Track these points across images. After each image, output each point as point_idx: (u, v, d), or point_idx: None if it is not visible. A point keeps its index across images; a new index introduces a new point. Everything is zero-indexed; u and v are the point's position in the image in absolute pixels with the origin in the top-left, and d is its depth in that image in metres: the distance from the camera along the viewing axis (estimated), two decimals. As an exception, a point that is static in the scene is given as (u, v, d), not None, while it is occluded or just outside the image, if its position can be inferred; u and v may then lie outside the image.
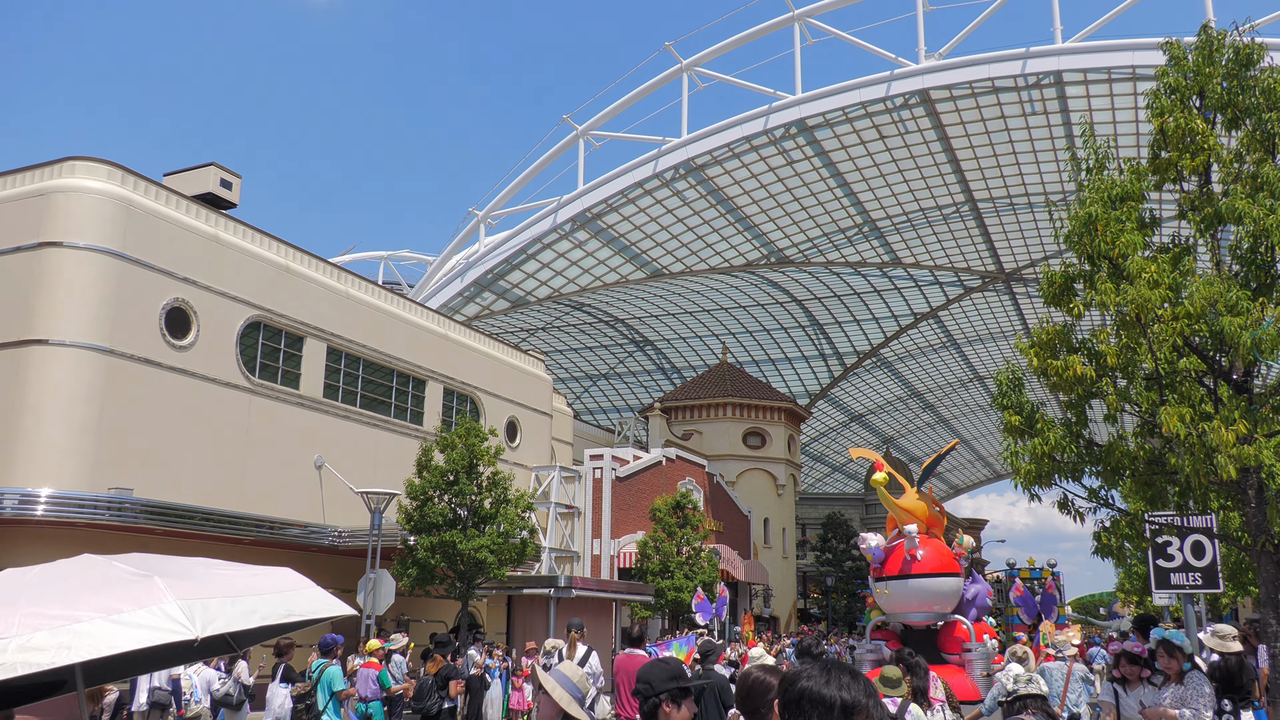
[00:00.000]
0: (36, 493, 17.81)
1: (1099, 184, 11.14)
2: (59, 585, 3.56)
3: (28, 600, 3.40)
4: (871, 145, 39.84)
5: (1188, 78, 11.19)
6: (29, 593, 3.50)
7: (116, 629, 3.35)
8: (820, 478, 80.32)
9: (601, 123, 40.49)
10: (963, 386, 69.91)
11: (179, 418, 21.04)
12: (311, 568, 24.35)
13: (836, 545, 60.21)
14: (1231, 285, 10.09)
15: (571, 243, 44.09)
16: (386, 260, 59.68)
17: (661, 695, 4.33)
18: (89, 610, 3.38)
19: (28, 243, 19.68)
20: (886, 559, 13.33)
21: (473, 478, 23.79)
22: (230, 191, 24.83)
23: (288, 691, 14.01)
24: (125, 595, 3.49)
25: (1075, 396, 11.28)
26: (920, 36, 35.51)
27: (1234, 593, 28.00)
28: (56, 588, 3.55)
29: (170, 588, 3.62)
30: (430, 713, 14.14)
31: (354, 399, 26.28)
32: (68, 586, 3.55)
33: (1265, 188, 10.25)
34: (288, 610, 4.13)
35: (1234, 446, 9.39)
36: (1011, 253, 48.82)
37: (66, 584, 3.57)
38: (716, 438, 50.37)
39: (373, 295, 27.58)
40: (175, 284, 21.22)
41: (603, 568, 35.60)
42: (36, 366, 19.06)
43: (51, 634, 3.24)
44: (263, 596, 4.05)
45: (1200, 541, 12.60)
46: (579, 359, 60.97)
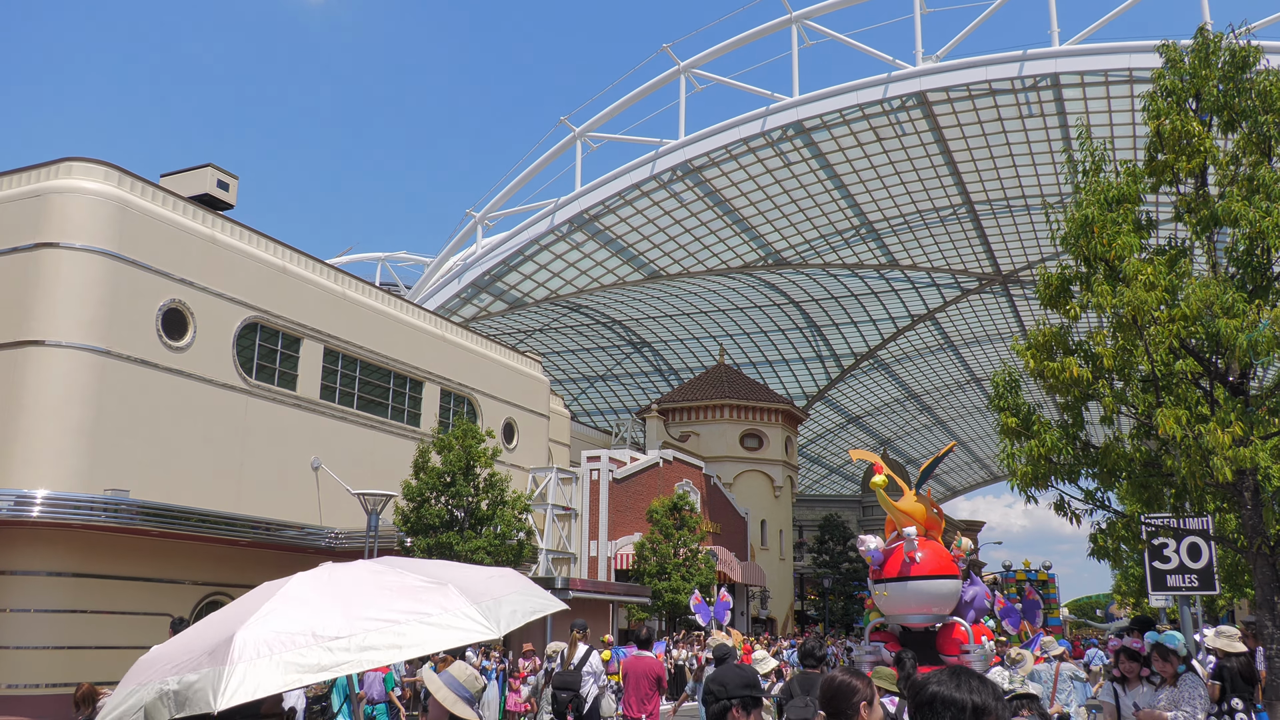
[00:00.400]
0: (33, 494, 17.77)
1: (1095, 186, 11.16)
2: (366, 590, 3.81)
3: (356, 604, 3.67)
4: (869, 147, 39.86)
5: (1184, 80, 11.22)
6: (345, 597, 3.74)
7: (433, 631, 3.67)
8: (817, 479, 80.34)
9: (599, 124, 40.50)
10: (960, 388, 69.95)
11: (176, 419, 21.02)
12: (308, 569, 24.35)
13: (834, 547, 60.19)
14: (1228, 287, 10.11)
15: (569, 244, 44.09)
16: (384, 261, 59.63)
17: (734, 700, 4.38)
18: (403, 614, 3.65)
19: (24, 244, 19.65)
20: (885, 561, 13.37)
21: (469, 479, 23.77)
22: (227, 193, 24.81)
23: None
24: (429, 600, 3.76)
25: (1072, 398, 11.30)
26: (918, 38, 35.56)
27: (1230, 595, 28.03)
28: (366, 593, 3.80)
29: (463, 592, 3.90)
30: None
31: (351, 400, 26.26)
32: (374, 592, 3.80)
33: (1261, 190, 10.27)
34: (533, 608, 4.34)
35: (1230, 448, 9.40)
36: (1009, 255, 48.86)
37: (372, 589, 3.82)
38: (714, 439, 50.37)
39: (370, 296, 27.57)
40: (172, 285, 21.20)
41: (600, 569, 35.58)
42: (33, 368, 19.03)
43: (380, 635, 3.52)
44: (512, 596, 4.26)
45: (1196, 543, 12.61)
46: (576, 360, 60.97)
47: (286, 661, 3.33)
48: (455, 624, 3.70)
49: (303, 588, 3.87)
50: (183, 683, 3.37)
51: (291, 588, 3.85)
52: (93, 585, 19.52)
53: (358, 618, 3.55)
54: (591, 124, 40.40)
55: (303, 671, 3.35)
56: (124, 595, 20.03)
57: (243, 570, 22.65)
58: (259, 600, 3.84)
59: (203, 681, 3.28)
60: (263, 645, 3.36)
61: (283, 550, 23.21)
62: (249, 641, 3.34)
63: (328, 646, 3.42)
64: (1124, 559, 35.64)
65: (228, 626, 3.56)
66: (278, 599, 3.71)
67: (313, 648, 3.40)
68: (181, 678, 3.38)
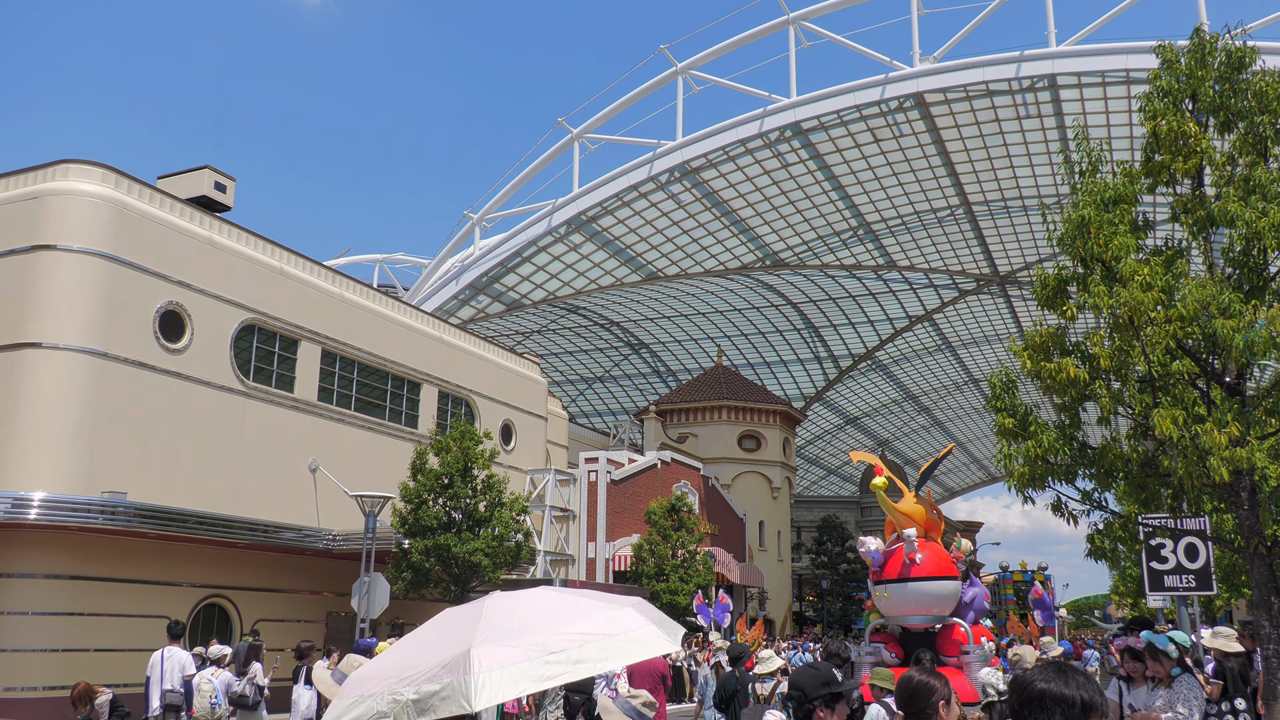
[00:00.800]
0: (30, 496, 17.74)
1: (1092, 187, 11.17)
2: (565, 611, 4.36)
3: (561, 623, 4.23)
4: (866, 148, 39.88)
5: (1180, 81, 11.23)
6: (547, 618, 4.29)
7: (628, 644, 4.19)
8: (815, 480, 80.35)
9: (596, 126, 40.51)
10: (958, 389, 69.98)
11: (173, 421, 20.99)
12: (306, 571, 24.38)
13: (832, 548, 60.16)
14: (1224, 288, 10.12)
15: (566, 246, 44.09)
16: (381, 263, 59.58)
17: (815, 701, 4.56)
18: (602, 631, 4.20)
19: (21, 245, 19.63)
20: (885, 562, 13.41)
21: (467, 481, 23.75)
22: (224, 194, 24.78)
23: (313, 693, 14.21)
24: (618, 618, 4.32)
25: (1069, 399, 11.31)
26: (915, 40, 35.61)
27: (1228, 595, 28.06)
28: (566, 613, 4.35)
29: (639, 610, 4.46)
30: None
31: (348, 402, 26.24)
32: (572, 612, 4.36)
33: (1258, 190, 10.29)
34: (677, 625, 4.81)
35: (1227, 449, 9.41)
36: (1006, 255, 48.90)
37: (569, 611, 4.37)
38: (712, 440, 50.36)
39: (367, 298, 27.55)
40: (169, 287, 21.18)
41: (598, 571, 35.57)
42: (30, 370, 19.00)
43: (587, 649, 4.07)
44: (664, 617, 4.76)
45: (1194, 544, 12.62)
46: (574, 362, 60.96)
47: (518, 672, 3.88)
48: (644, 638, 4.24)
49: (506, 611, 4.36)
50: (421, 692, 3.88)
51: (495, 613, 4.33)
52: (90, 588, 19.50)
53: (567, 634, 4.09)
54: (589, 125, 40.41)
55: (531, 681, 3.91)
56: (121, 598, 20.00)
57: (240, 572, 22.63)
58: (459, 623, 4.38)
59: (447, 690, 3.81)
60: (497, 659, 3.90)
61: (280, 552, 23.18)
62: (484, 657, 3.88)
63: (547, 660, 3.96)
64: (1121, 559, 35.70)
65: (445, 646, 4.11)
66: (491, 621, 4.23)
67: (535, 661, 3.93)
68: (418, 688, 3.90)
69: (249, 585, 22.93)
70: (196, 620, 21.52)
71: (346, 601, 23.18)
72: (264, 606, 23.17)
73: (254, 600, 22.96)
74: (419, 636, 4.50)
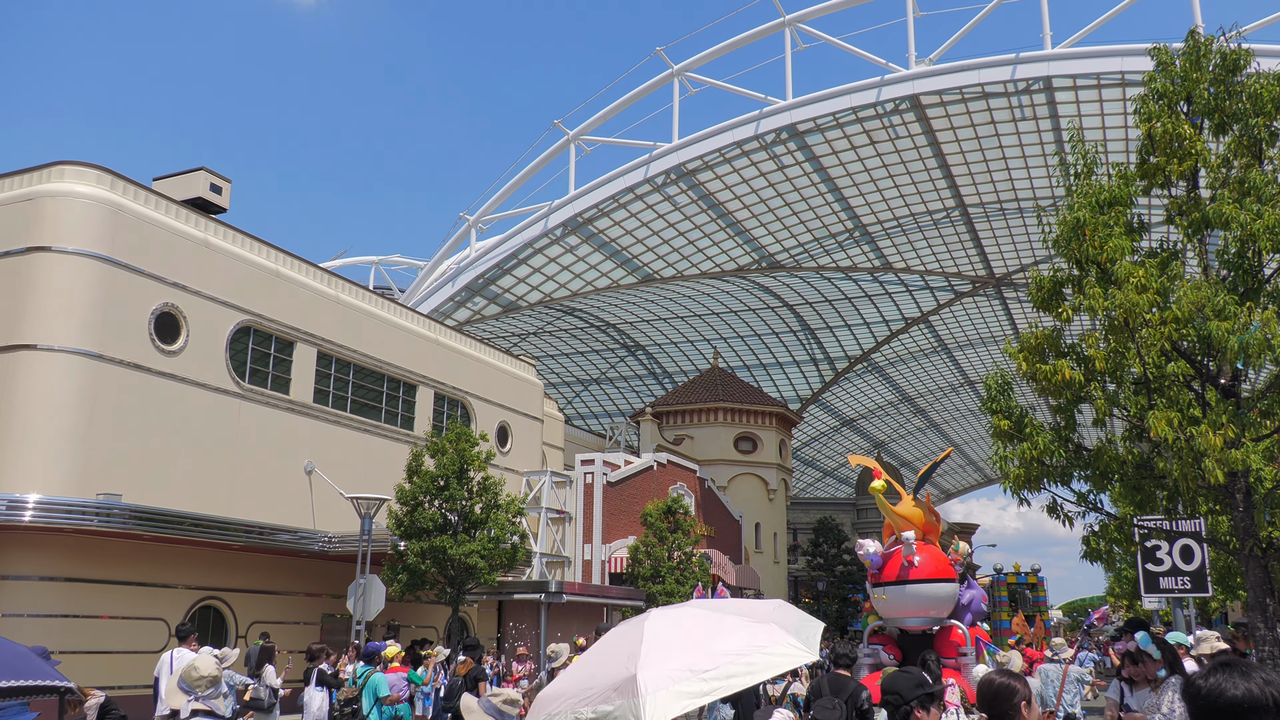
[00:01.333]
0: (24, 498, 17.70)
1: (1087, 189, 11.19)
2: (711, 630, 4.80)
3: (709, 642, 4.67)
4: (862, 150, 39.91)
5: (1175, 83, 11.25)
6: (697, 637, 4.72)
7: (772, 658, 4.62)
8: (811, 482, 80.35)
9: (593, 128, 40.52)
10: (953, 391, 70.02)
11: (168, 423, 20.96)
12: (301, 573, 24.34)
13: (828, 550, 60.10)
14: (1219, 290, 10.14)
15: (563, 247, 44.08)
16: (377, 265, 59.56)
17: (912, 703, 4.66)
18: (747, 647, 4.63)
19: (16, 247, 19.59)
20: (884, 565, 13.45)
21: (463, 483, 23.73)
22: (220, 196, 24.75)
23: (324, 694, 14.29)
24: (761, 634, 4.75)
25: (1064, 401, 11.32)
26: (911, 42, 35.64)
27: (1223, 596, 28.13)
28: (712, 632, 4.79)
29: (780, 625, 4.88)
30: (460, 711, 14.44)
31: (344, 404, 26.21)
32: (718, 630, 4.80)
33: (1252, 193, 10.31)
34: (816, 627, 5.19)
35: (1222, 450, 9.43)
36: (1002, 257, 48.96)
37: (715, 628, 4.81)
38: (708, 442, 50.35)
39: (363, 300, 27.53)
40: (165, 289, 21.15)
41: (594, 573, 35.54)
42: (25, 371, 18.97)
43: (735, 665, 4.48)
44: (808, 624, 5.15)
45: (1189, 545, 12.64)
46: (570, 364, 60.94)
47: (678, 691, 4.30)
48: (785, 652, 4.65)
49: (661, 633, 4.79)
50: (598, 711, 4.35)
51: (653, 635, 4.75)
52: (85, 590, 19.46)
53: (716, 653, 4.53)
54: (585, 127, 40.42)
55: (690, 698, 4.30)
56: (116, 600, 19.96)
57: (236, 575, 22.59)
58: (624, 644, 4.79)
59: (620, 711, 4.26)
60: (660, 681, 4.34)
61: (276, 554, 23.15)
62: (650, 679, 4.33)
63: (702, 677, 4.37)
64: (1117, 561, 35.70)
65: (614, 667, 4.58)
66: (650, 643, 4.65)
67: (693, 680, 4.35)
68: (595, 708, 4.37)
69: (244, 587, 22.89)
70: (192, 622, 21.48)
71: (342, 603, 23.16)
72: (259, 608, 23.13)
73: (249, 602, 22.92)
74: (592, 657, 4.96)
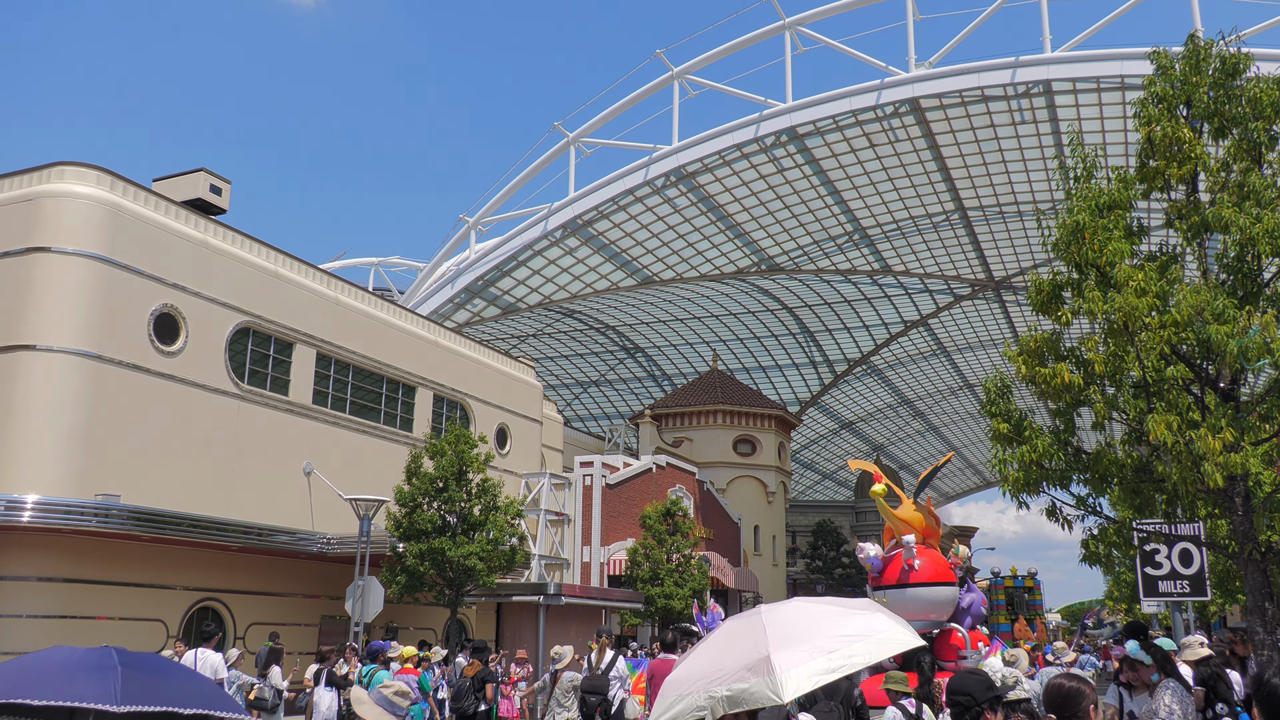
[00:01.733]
0: (23, 499, 17.69)
1: (1087, 192, 11.19)
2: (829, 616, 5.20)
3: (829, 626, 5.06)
4: (862, 153, 39.93)
5: (1175, 87, 11.26)
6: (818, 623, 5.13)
7: (887, 642, 4.99)
8: (810, 485, 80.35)
9: (592, 130, 40.53)
10: (953, 394, 70.04)
11: (167, 424, 20.95)
12: (300, 575, 24.33)
13: (826, 552, 60.16)
14: (1218, 293, 10.14)
15: (562, 249, 44.09)
16: (377, 266, 59.56)
17: (984, 705, 4.73)
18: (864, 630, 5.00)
19: (16, 248, 19.59)
20: (884, 568, 13.48)
21: (462, 484, 23.72)
22: (220, 197, 24.75)
23: (333, 695, 14.34)
24: (874, 619, 5.14)
25: (1063, 404, 11.32)
26: (910, 45, 35.66)
27: (1221, 600, 28.10)
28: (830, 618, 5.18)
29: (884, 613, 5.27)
30: (467, 713, 14.61)
31: (343, 405, 26.20)
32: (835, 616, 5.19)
33: (1252, 196, 10.31)
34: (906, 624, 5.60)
35: (1221, 454, 9.42)
36: (1001, 261, 48.98)
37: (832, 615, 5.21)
38: (707, 445, 50.33)
39: (363, 301, 27.52)
40: (164, 290, 21.14)
41: (592, 575, 35.52)
42: (24, 372, 18.96)
43: (855, 646, 4.88)
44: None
45: (1188, 549, 12.63)
46: (569, 366, 60.94)
47: (810, 669, 4.72)
48: (897, 636, 5.04)
49: (783, 621, 5.19)
50: (732, 689, 4.75)
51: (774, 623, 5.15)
52: (83, 590, 19.45)
53: (837, 636, 4.93)
54: (585, 129, 40.43)
55: (820, 675, 4.74)
56: (115, 600, 19.95)
57: (234, 576, 22.57)
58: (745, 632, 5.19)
59: (756, 687, 4.68)
60: (793, 660, 4.77)
61: (274, 556, 23.13)
62: (783, 659, 4.76)
63: (829, 656, 4.78)
64: (1116, 565, 35.67)
65: (741, 652, 4.97)
66: (775, 630, 5.06)
67: (819, 659, 4.77)
68: (730, 686, 4.77)
69: (243, 588, 22.87)
70: (190, 623, 21.47)
71: (341, 605, 23.14)
72: (258, 610, 23.12)
73: (248, 603, 22.91)
74: (714, 644, 5.36)
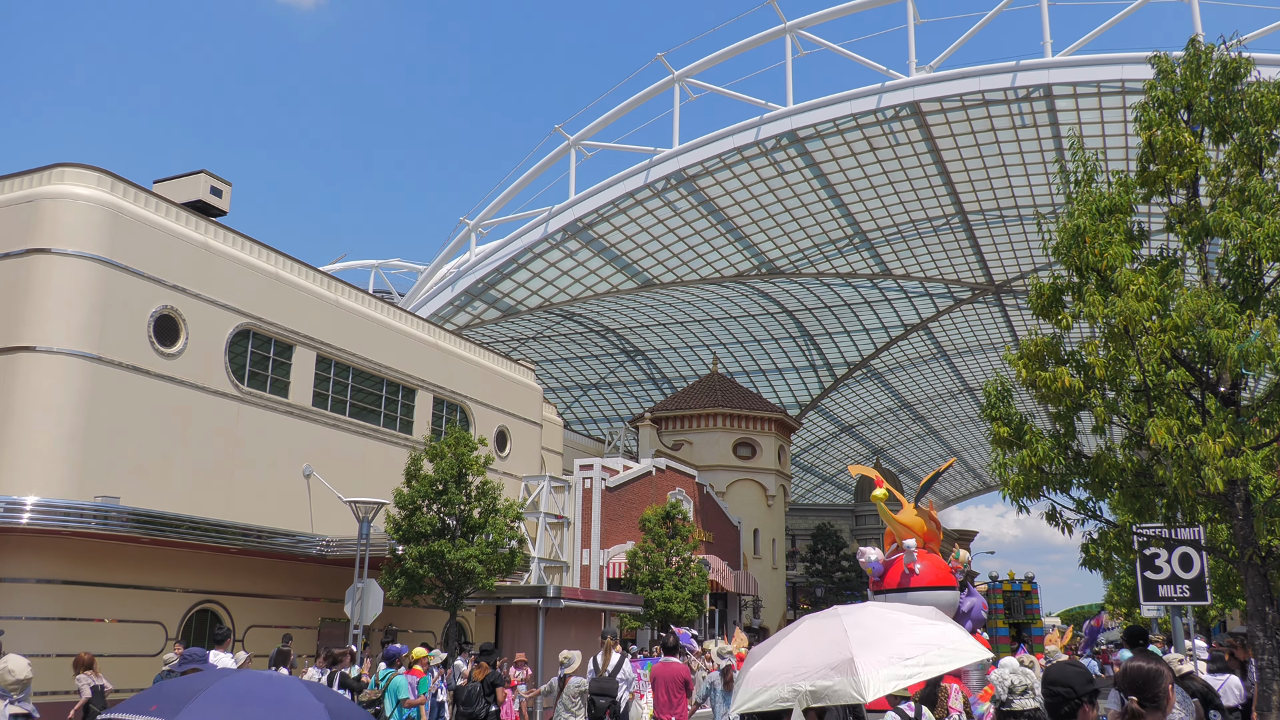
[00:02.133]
0: (22, 501, 17.67)
1: (1088, 196, 11.19)
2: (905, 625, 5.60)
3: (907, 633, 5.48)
4: (862, 157, 39.95)
5: (1176, 91, 11.26)
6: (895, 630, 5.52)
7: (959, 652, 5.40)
8: (810, 488, 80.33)
9: (593, 133, 40.55)
10: (953, 398, 70.03)
11: (167, 426, 20.94)
12: (299, 577, 24.31)
13: (826, 556, 60.10)
14: (1219, 298, 10.13)
15: (562, 252, 44.10)
16: (377, 269, 59.61)
17: (1084, 697, 4.75)
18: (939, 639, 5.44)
19: (16, 249, 19.58)
20: (886, 572, 13.52)
21: (462, 487, 23.70)
22: (220, 199, 24.75)
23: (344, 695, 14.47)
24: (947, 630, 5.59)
25: (1063, 408, 11.31)
26: (911, 49, 35.69)
27: (1222, 605, 28.08)
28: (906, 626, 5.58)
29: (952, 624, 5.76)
30: (478, 716, 14.61)
31: (343, 408, 26.19)
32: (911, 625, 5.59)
33: (1253, 201, 10.31)
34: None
35: (1221, 459, 9.41)
36: (1001, 265, 48.98)
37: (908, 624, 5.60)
38: (706, 448, 50.32)
39: (363, 304, 27.52)
40: (164, 291, 21.14)
41: (592, 578, 35.51)
42: (23, 373, 18.95)
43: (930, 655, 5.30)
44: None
45: (1188, 553, 12.62)
46: (569, 368, 60.94)
47: (890, 673, 5.09)
48: (968, 647, 5.46)
49: (864, 625, 5.56)
50: (816, 685, 5.14)
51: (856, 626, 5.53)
52: (82, 593, 19.43)
53: (914, 643, 5.33)
54: (586, 132, 40.45)
55: (899, 680, 5.11)
56: (114, 602, 19.93)
57: (234, 578, 22.55)
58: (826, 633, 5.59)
59: (839, 685, 5.06)
60: (875, 663, 5.12)
61: (274, 558, 23.11)
62: (866, 661, 5.12)
63: (907, 662, 5.15)
64: (1116, 569, 35.66)
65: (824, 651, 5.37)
66: (857, 633, 5.45)
67: (898, 664, 5.14)
68: (813, 682, 5.16)
69: (242, 591, 22.85)
70: (189, 626, 21.45)
71: (340, 607, 23.11)
72: (257, 612, 23.10)
73: (247, 606, 22.89)
74: (797, 642, 5.74)
